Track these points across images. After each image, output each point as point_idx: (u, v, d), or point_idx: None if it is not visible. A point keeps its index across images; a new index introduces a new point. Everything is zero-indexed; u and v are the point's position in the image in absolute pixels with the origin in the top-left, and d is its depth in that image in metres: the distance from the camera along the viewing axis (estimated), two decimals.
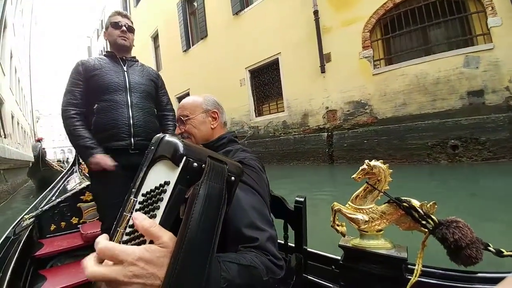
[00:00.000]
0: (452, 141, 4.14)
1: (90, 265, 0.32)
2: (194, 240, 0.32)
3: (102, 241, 0.32)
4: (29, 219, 1.58)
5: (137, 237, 0.35)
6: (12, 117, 11.95)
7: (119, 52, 1.42)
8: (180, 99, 11.05)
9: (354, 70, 5.39)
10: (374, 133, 5.02)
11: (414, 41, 4.89)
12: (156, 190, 0.37)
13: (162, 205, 0.36)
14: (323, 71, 5.81)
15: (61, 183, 2.17)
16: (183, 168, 0.37)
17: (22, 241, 1.34)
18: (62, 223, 1.72)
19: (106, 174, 1.29)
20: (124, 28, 1.40)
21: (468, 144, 4.06)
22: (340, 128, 5.69)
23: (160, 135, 0.41)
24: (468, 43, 4.34)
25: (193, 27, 10.14)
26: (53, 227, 1.69)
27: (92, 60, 1.37)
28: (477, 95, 4.08)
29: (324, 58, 5.78)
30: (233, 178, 0.43)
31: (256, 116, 7.80)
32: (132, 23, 1.47)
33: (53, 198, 1.84)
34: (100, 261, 0.32)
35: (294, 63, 6.50)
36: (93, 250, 0.33)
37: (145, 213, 0.37)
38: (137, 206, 0.38)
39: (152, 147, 0.40)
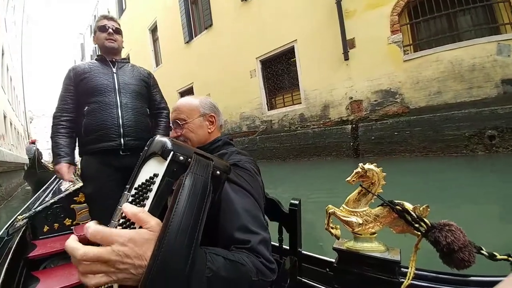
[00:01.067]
0: (489, 131, 4.31)
1: (81, 246, 0.37)
2: (179, 224, 0.39)
3: (92, 225, 0.39)
4: (22, 220, 1.75)
5: (128, 226, 0.44)
6: (5, 117, 12.71)
7: (108, 55, 1.60)
8: (182, 94, 11.37)
9: (382, 57, 5.42)
10: (407, 124, 5.10)
11: (440, 27, 5.03)
12: (147, 183, 0.48)
13: (151, 195, 0.47)
14: (346, 58, 5.86)
15: (55, 184, 2.38)
16: (170, 162, 0.48)
17: (15, 242, 1.50)
18: (55, 224, 1.90)
19: (98, 176, 1.47)
20: (110, 30, 1.58)
21: (504, 134, 4.24)
22: (366, 120, 5.75)
23: (153, 137, 0.53)
24: (495, 31, 4.58)
25: (196, 17, 10.45)
26: (46, 228, 1.87)
27: (83, 65, 1.57)
28: (511, 84, 4.28)
29: (348, 44, 5.82)
30: (218, 172, 0.53)
31: (268, 110, 7.94)
32: (119, 25, 1.65)
33: (47, 199, 2.03)
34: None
35: (313, 50, 6.56)
36: None
37: (136, 204, 0.47)
38: (130, 199, 0.48)
39: (146, 147, 0.52)
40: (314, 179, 5.10)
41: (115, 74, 1.56)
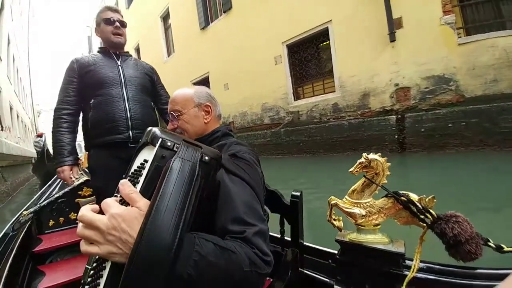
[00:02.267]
0: None
1: (85, 209, 0.49)
2: (166, 204, 0.47)
3: (107, 199, 0.52)
4: (27, 214, 1.99)
5: (123, 204, 0.56)
6: (11, 108, 13.85)
7: (113, 48, 1.77)
8: (197, 84, 11.83)
9: (434, 39, 5.40)
10: (462, 114, 5.10)
11: (488, 12, 5.17)
12: (138, 169, 0.61)
13: (141, 179, 0.59)
14: (392, 39, 5.84)
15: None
16: (159, 148, 0.60)
17: (21, 237, 1.72)
18: (61, 218, 2.14)
19: (107, 168, 1.66)
20: (117, 24, 1.74)
21: None
22: (414, 109, 5.74)
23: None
24: None
25: (212, 0, 10.90)
26: (51, 222, 2.11)
27: (86, 57, 1.74)
28: None
29: (394, 24, 5.79)
30: (207, 158, 0.63)
31: (295, 100, 8.06)
32: (122, 16, 1.81)
33: (53, 193, 2.30)
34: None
35: (351, 32, 6.58)
36: None
37: None
38: None
39: (140, 139, 0.66)
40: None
41: (120, 67, 1.75)
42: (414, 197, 0.87)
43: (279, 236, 1.14)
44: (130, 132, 1.68)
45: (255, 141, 9.07)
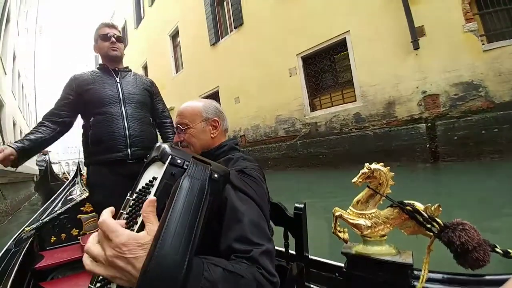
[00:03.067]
0: None
1: (90, 240, 0.53)
2: (175, 226, 0.49)
3: (105, 214, 0.53)
4: (29, 231, 2.09)
5: (132, 219, 0.60)
6: (14, 124, 14.36)
7: (111, 64, 1.90)
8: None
9: (458, 46, 5.61)
10: (494, 120, 5.23)
11: (504, 20, 5.57)
12: (146, 186, 0.64)
13: (150, 197, 0.60)
14: (416, 47, 6.01)
15: (63, 194, 2.80)
16: (169, 165, 0.64)
17: (23, 254, 1.81)
18: (63, 234, 2.26)
19: (107, 183, 1.76)
20: (113, 39, 1.87)
21: None
22: (445, 117, 5.80)
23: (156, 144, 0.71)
24: None
25: (222, 17, 11.59)
26: (53, 239, 2.22)
27: (85, 74, 1.86)
28: None
29: (417, 33, 5.99)
30: (216, 175, 0.67)
31: (311, 111, 8.22)
32: (120, 32, 1.94)
33: (55, 209, 2.42)
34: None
35: (371, 42, 6.78)
36: None
37: (135, 207, 0.63)
38: (131, 203, 0.65)
39: (148, 154, 0.70)
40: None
41: (119, 84, 1.87)
42: (419, 206, 0.91)
43: (283, 250, 1.18)
44: (129, 150, 1.78)
45: (269, 154, 9.23)
